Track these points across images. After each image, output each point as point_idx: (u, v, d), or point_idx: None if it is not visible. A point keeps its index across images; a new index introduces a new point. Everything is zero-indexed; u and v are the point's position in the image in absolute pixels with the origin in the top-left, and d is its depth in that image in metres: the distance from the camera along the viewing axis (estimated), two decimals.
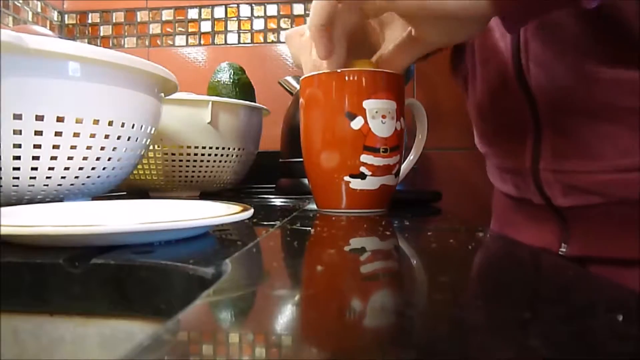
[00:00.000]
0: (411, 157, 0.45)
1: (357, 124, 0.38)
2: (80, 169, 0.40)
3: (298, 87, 0.78)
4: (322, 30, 0.36)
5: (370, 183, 0.39)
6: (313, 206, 0.48)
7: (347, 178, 0.39)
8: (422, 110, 0.44)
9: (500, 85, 0.45)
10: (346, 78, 0.39)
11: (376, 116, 0.38)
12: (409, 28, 0.38)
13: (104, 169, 0.42)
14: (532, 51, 0.41)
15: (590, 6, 0.30)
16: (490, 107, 0.49)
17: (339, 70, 0.39)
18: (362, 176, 0.39)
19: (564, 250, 0.45)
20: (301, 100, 0.42)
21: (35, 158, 0.37)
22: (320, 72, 0.40)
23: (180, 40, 1.06)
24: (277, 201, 0.60)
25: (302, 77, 0.42)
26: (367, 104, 0.38)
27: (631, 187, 0.38)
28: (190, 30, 1.06)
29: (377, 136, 0.38)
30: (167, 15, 1.07)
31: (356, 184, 0.39)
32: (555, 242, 0.45)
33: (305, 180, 0.70)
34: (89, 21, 1.09)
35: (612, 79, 0.37)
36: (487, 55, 0.47)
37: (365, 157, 0.38)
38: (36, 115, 0.36)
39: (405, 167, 0.45)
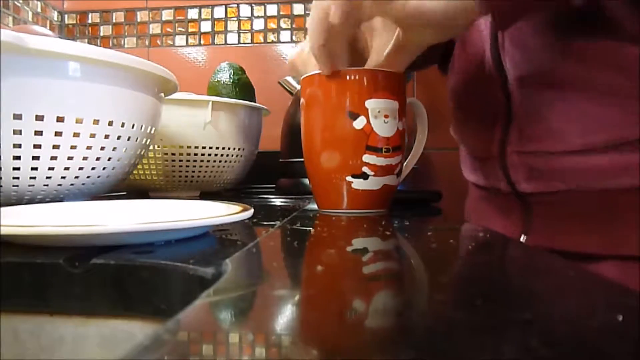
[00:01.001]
0: (412, 157, 0.45)
1: (359, 123, 0.38)
2: (80, 169, 0.40)
3: (298, 87, 0.78)
4: (323, 49, 0.37)
5: (373, 183, 0.39)
6: (313, 206, 0.48)
7: (349, 178, 0.39)
8: (423, 109, 0.44)
9: (477, 68, 0.45)
10: (348, 77, 0.39)
11: (379, 116, 0.38)
12: (395, 34, 0.38)
13: (104, 169, 0.42)
14: (510, 30, 0.41)
15: (579, 3, 0.30)
16: (466, 92, 0.49)
17: (340, 70, 0.39)
18: (365, 176, 0.39)
19: (522, 241, 0.44)
20: (302, 100, 0.42)
21: (35, 158, 0.37)
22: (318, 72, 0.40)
23: (180, 40, 1.06)
24: (277, 201, 0.60)
25: (303, 77, 0.42)
26: (370, 103, 0.38)
27: (590, 173, 0.38)
28: (190, 30, 1.06)
29: (380, 136, 0.38)
30: (167, 15, 1.07)
31: (358, 184, 0.39)
32: (517, 232, 0.44)
33: (305, 180, 0.69)
34: (89, 21, 1.09)
35: (583, 48, 0.37)
36: (465, 39, 0.48)
37: (367, 157, 0.38)
38: (36, 115, 0.36)
39: (406, 166, 0.45)
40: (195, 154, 0.62)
